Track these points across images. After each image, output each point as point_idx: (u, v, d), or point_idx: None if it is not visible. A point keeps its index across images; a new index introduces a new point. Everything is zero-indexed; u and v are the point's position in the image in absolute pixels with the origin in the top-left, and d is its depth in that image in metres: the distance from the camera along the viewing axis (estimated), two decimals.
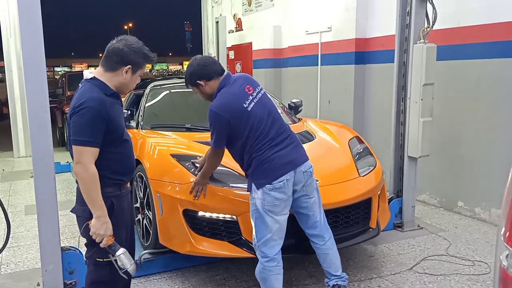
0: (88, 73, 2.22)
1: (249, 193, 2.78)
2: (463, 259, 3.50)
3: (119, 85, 2.22)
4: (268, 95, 2.82)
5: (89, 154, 2.06)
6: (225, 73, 2.69)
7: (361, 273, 3.31)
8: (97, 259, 2.23)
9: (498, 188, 4.16)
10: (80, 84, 2.24)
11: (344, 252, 3.59)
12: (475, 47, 4.43)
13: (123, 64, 2.18)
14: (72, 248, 3.12)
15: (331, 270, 2.78)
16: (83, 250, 3.23)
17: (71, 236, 4.14)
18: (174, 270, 3.33)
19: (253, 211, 2.58)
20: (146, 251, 3.27)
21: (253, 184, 2.57)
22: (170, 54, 66.74)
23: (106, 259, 2.20)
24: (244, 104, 2.56)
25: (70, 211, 2.33)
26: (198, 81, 2.67)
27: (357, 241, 3.20)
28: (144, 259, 3.22)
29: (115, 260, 2.15)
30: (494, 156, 4.25)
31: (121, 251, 2.15)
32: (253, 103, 2.59)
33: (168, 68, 58.96)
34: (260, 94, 2.66)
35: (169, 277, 3.26)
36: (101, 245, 2.13)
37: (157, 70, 53.73)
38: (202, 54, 10.70)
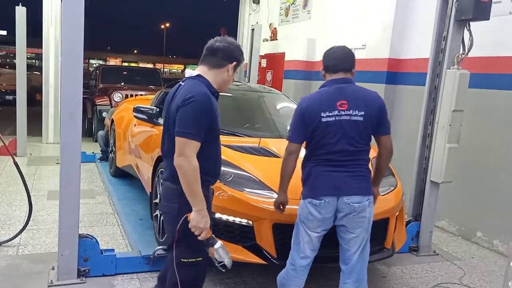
0: (191, 72, 2.27)
1: (266, 200, 2.82)
2: None
3: (222, 83, 2.27)
4: (369, 125, 2.56)
5: (192, 147, 2.07)
6: (339, 76, 2.58)
7: None
8: (182, 259, 2.22)
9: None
10: (181, 82, 2.28)
11: None
12: (508, 78, 4.34)
13: (229, 61, 2.24)
14: (89, 236, 3.20)
15: None
16: (100, 240, 3.33)
17: (89, 225, 4.24)
18: None
19: (298, 214, 2.63)
20: (160, 247, 3.31)
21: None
22: None
23: (191, 259, 2.21)
24: (322, 112, 2.50)
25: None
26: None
27: (371, 260, 3.15)
28: (158, 254, 3.26)
29: (213, 253, 2.17)
30: None
31: (219, 244, 2.17)
32: (335, 117, 2.49)
33: None
34: (353, 117, 2.50)
35: None
36: (200, 237, 2.13)
37: None
38: None
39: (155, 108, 4.27)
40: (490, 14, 3.74)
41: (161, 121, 4.21)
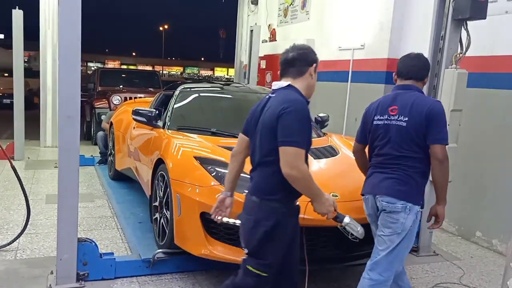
0: (281, 83, 2.25)
1: None
2: None
3: (309, 88, 2.26)
4: (412, 131, 2.56)
5: (301, 156, 2.06)
6: (406, 83, 2.66)
7: None
8: (247, 266, 2.20)
9: None
10: (271, 94, 2.26)
11: (356, 269, 3.54)
12: (506, 76, 4.33)
13: (308, 64, 2.24)
14: (88, 240, 3.17)
15: None
16: (99, 243, 3.31)
17: (88, 228, 4.22)
18: (186, 272, 3.35)
19: None
20: (160, 250, 3.30)
21: None
22: (202, 58, 67.64)
23: (255, 271, 2.18)
24: (375, 116, 2.68)
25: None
26: None
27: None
28: (157, 258, 3.24)
29: (343, 228, 2.32)
30: None
31: (347, 219, 2.29)
32: (384, 121, 2.64)
33: (199, 73, 59.60)
34: (398, 122, 2.57)
35: (180, 278, 3.27)
36: (327, 218, 2.23)
37: (188, 73, 54.38)
38: (234, 61, 10.80)
39: (154, 110, 4.26)
40: (486, 13, 3.74)
41: (160, 123, 4.21)
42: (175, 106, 4.36)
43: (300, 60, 2.23)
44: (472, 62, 4.38)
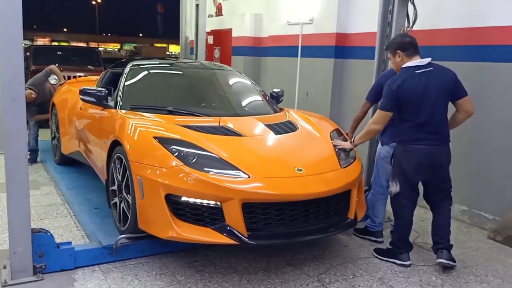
0: (424, 60, 3.29)
1: (233, 180, 2.85)
2: (430, 250, 3.56)
3: None
4: None
5: None
6: None
7: (337, 261, 3.38)
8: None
9: (461, 186, 4.32)
10: (425, 69, 3.23)
11: (320, 241, 3.63)
12: (448, 49, 4.53)
13: None
14: (43, 230, 3.00)
15: None
16: (53, 233, 3.12)
17: (38, 218, 3.97)
18: (151, 256, 3.25)
19: None
20: (123, 235, 3.16)
21: None
22: (141, 34, 65.04)
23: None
24: None
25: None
26: None
27: (337, 231, 3.23)
28: (120, 243, 3.12)
29: None
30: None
31: None
32: None
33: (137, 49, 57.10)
34: None
35: (146, 263, 3.18)
36: None
37: (126, 50, 51.98)
38: (174, 37, 10.42)
39: (103, 89, 4.01)
40: None
41: (111, 103, 3.98)
42: (126, 84, 4.14)
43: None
44: (419, 36, 4.52)
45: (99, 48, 50.25)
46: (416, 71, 3.20)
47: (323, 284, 3.02)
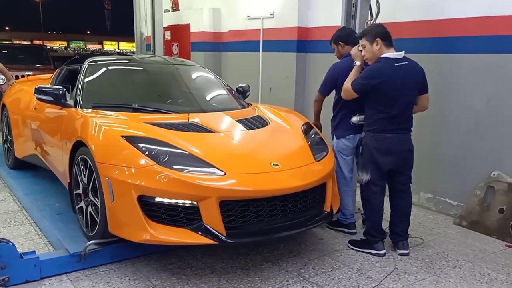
0: (399, 53, 3.30)
1: (209, 177, 2.77)
2: None
3: None
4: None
5: None
6: None
7: (314, 255, 3.36)
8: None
9: (425, 174, 4.44)
10: (401, 63, 3.25)
11: (296, 236, 3.60)
12: (408, 41, 4.63)
13: None
14: (4, 240, 2.78)
15: None
16: (14, 242, 2.89)
17: None
18: (123, 261, 3.09)
19: None
20: (92, 241, 2.98)
21: None
22: (88, 32, 62.72)
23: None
24: None
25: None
26: None
27: (315, 224, 3.21)
28: (89, 250, 2.94)
29: None
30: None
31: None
32: None
33: (86, 47, 54.95)
34: None
35: (118, 268, 3.01)
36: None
37: (73, 48, 49.91)
38: (124, 34, 10.10)
39: (61, 88, 3.77)
40: None
41: (71, 102, 3.75)
42: (86, 81, 3.92)
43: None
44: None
45: (46, 47, 48.09)
46: (395, 64, 3.22)
47: (304, 279, 2.99)
